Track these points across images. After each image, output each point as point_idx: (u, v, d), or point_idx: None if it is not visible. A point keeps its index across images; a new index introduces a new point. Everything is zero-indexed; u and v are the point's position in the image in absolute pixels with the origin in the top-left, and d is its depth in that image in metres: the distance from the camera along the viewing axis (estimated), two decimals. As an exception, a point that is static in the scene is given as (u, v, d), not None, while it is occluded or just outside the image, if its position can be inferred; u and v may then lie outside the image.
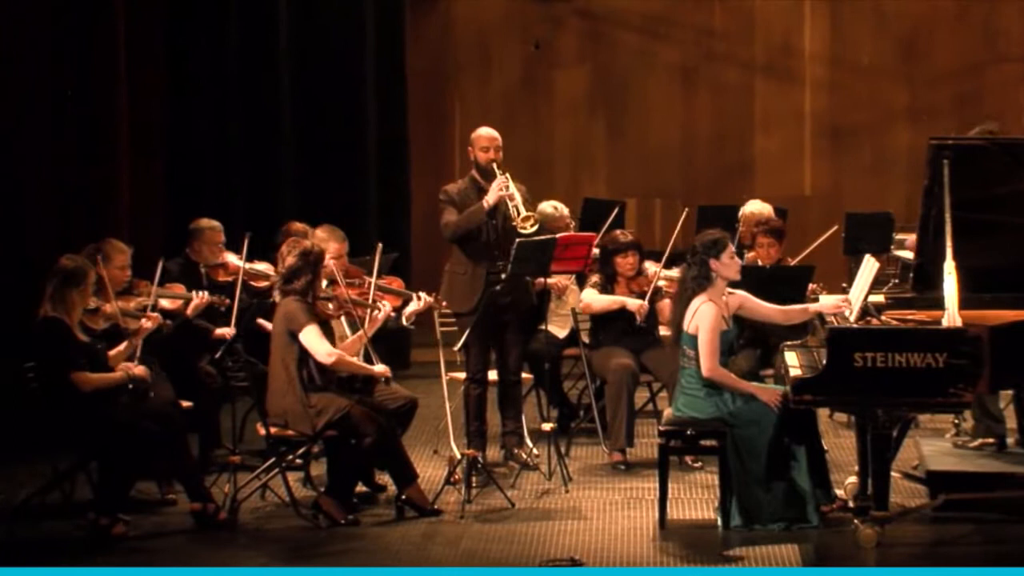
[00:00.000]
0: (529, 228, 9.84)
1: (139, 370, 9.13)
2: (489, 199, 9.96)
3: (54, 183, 11.14)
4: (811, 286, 10.31)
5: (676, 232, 11.26)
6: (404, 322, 9.94)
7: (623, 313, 10.46)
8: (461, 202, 10.07)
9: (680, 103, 15.77)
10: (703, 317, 8.87)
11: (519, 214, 9.84)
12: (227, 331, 10.15)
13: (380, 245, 10.25)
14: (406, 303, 10.06)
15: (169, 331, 9.69)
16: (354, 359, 9.34)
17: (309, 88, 13.81)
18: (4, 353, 10.21)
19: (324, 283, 9.60)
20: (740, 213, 11.76)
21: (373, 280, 10.01)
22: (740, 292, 9.14)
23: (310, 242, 9.38)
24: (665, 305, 10.45)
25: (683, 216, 11.58)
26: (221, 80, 13.26)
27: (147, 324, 9.30)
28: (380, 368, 9.27)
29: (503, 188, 9.91)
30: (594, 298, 10.52)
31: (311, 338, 9.04)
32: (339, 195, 13.56)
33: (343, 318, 9.78)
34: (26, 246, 10.88)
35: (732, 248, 9.09)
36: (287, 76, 13.60)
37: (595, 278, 10.60)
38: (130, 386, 9.07)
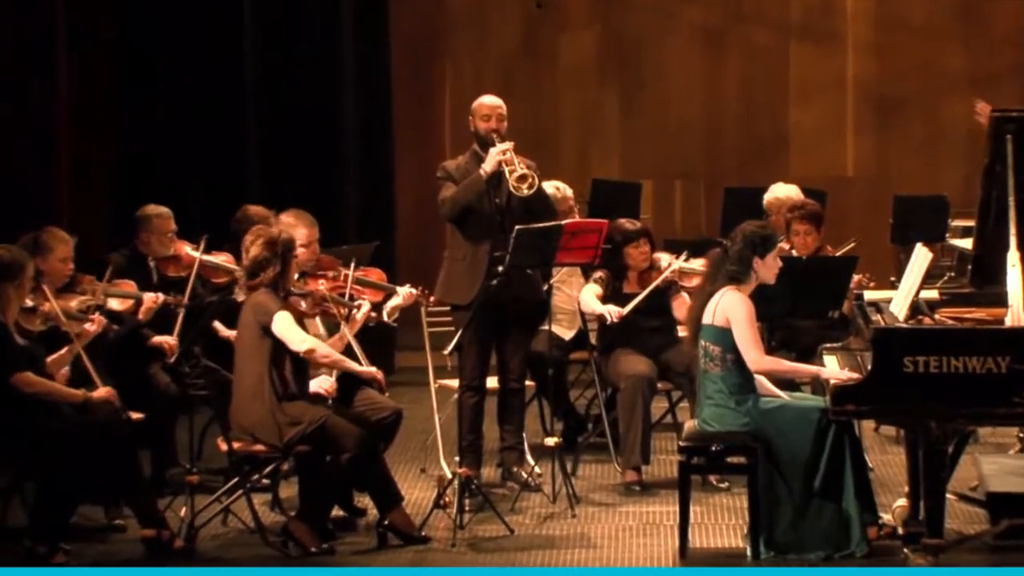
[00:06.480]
0: (526, 191, 9.83)
1: (101, 392, 9.10)
2: (486, 167, 9.94)
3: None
4: (855, 278, 10.28)
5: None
6: (385, 318, 9.92)
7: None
8: (460, 179, 10.05)
9: (704, 70, 15.77)
10: (734, 306, 8.75)
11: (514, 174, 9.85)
12: (167, 340, 10.08)
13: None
14: (388, 297, 10.04)
15: (116, 336, 9.66)
16: (335, 353, 9.30)
17: (277, 56, 13.81)
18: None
19: (296, 276, 9.58)
20: (765, 201, 11.67)
21: (351, 273, 9.99)
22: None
23: (277, 229, 9.35)
24: (682, 301, 10.38)
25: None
26: (176, 48, 13.22)
27: (91, 328, 9.27)
28: (368, 369, 9.26)
29: (502, 154, 9.90)
30: (587, 299, 10.47)
31: (283, 325, 9.01)
32: (312, 177, 13.54)
33: (318, 318, 9.76)
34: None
35: (780, 249, 9.06)
36: (251, 41, 13.58)
37: (599, 273, 10.51)
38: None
